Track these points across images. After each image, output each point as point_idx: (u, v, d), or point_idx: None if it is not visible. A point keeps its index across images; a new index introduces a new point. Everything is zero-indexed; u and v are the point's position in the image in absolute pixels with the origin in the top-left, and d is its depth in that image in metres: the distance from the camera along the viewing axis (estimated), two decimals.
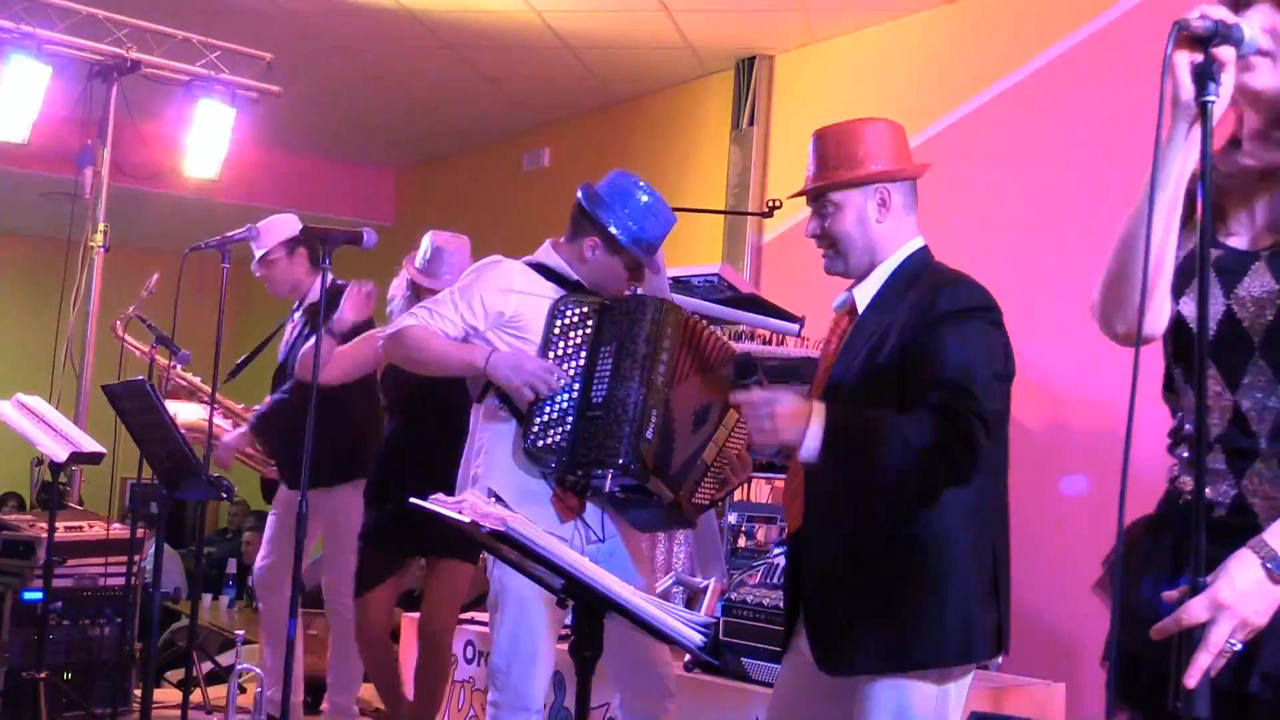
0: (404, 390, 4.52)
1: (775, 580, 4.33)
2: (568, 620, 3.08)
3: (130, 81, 7.09)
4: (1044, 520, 5.23)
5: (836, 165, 2.90)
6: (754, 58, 7.54)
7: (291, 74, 7.72)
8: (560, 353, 3.51)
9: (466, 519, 1.86)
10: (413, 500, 2.20)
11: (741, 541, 6.26)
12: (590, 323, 3.54)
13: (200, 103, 7.25)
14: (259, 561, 5.28)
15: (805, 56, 7.42)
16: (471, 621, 5.01)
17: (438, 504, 2.02)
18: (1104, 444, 5.14)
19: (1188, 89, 1.76)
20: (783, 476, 6.08)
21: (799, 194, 2.99)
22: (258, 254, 5.17)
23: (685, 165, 8.11)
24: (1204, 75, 1.72)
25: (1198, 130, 1.75)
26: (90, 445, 5.26)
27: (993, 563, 2.72)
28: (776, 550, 4.71)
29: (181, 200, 9.21)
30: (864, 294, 2.88)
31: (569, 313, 3.56)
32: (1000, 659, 4.02)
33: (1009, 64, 6.16)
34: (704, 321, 3.67)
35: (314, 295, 5.08)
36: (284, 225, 5.25)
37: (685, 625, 1.90)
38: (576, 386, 3.47)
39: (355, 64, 8.22)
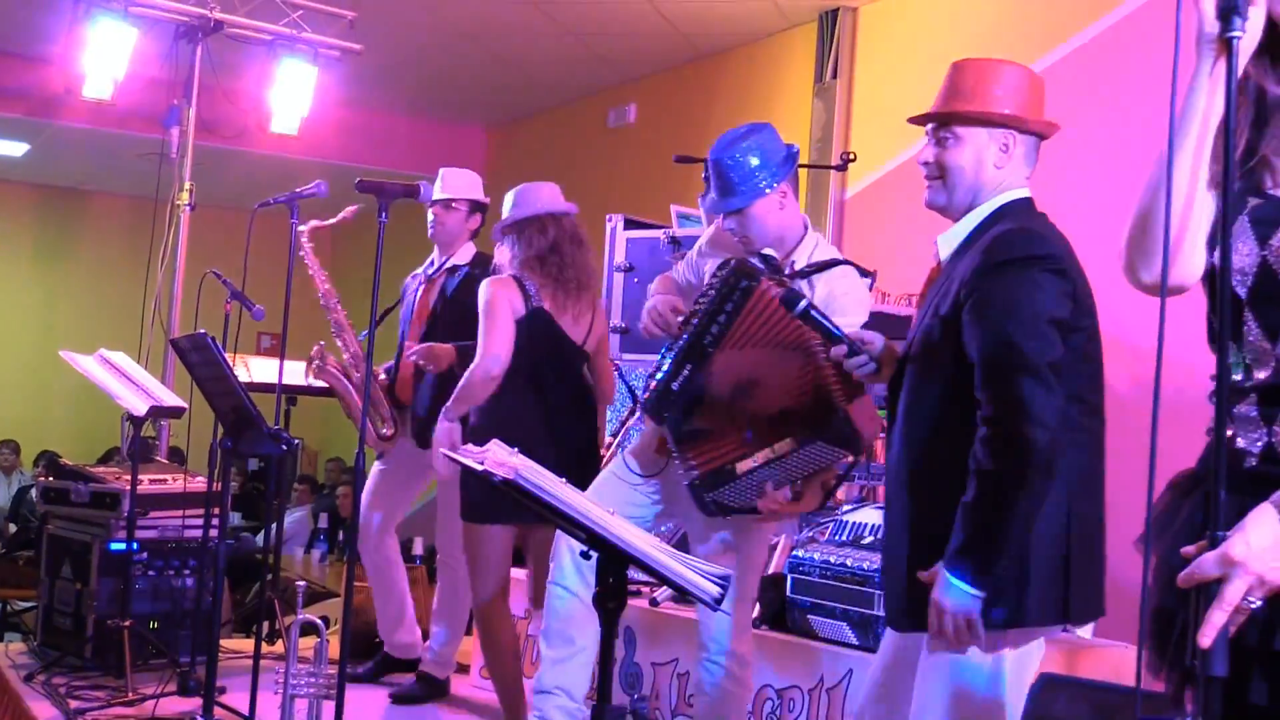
0: (534, 358, 4.41)
1: (844, 538, 4.30)
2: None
3: (215, 41, 7.19)
4: (1127, 479, 5.12)
5: (970, 97, 2.80)
6: (837, 10, 7.43)
7: (373, 32, 7.76)
8: (693, 306, 3.53)
9: (479, 468, 1.85)
10: (444, 452, 2.20)
11: None
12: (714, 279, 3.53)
13: (283, 61, 7.34)
14: (363, 513, 5.27)
15: (889, 8, 7.29)
16: None
17: (464, 454, 2.02)
18: (1184, 401, 5.00)
19: (1212, 23, 1.66)
20: None
21: (921, 118, 2.88)
22: (441, 195, 5.13)
23: (769, 119, 7.88)
24: (1229, 8, 1.60)
25: (1222, 67, 1.63)
26: (171, 399, 5.35)
27: (1064, 528, 2.62)
28: (847, 508, 4.66)
29: (265, 159, 9.32)
30: (947, 242, 2.82)
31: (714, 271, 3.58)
32: (1080, 628, 3.96)
33: (1097, 10, 6.00)
34: (772, 288, 3.44)
35: (461, 259, 5.19)
36: (473, 182, 5.26)
37: (701, 577, 1.87)
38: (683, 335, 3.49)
39: (437, 21, 8.23)
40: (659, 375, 3.46)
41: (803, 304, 2.93)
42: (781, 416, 3.29)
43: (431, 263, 5.32)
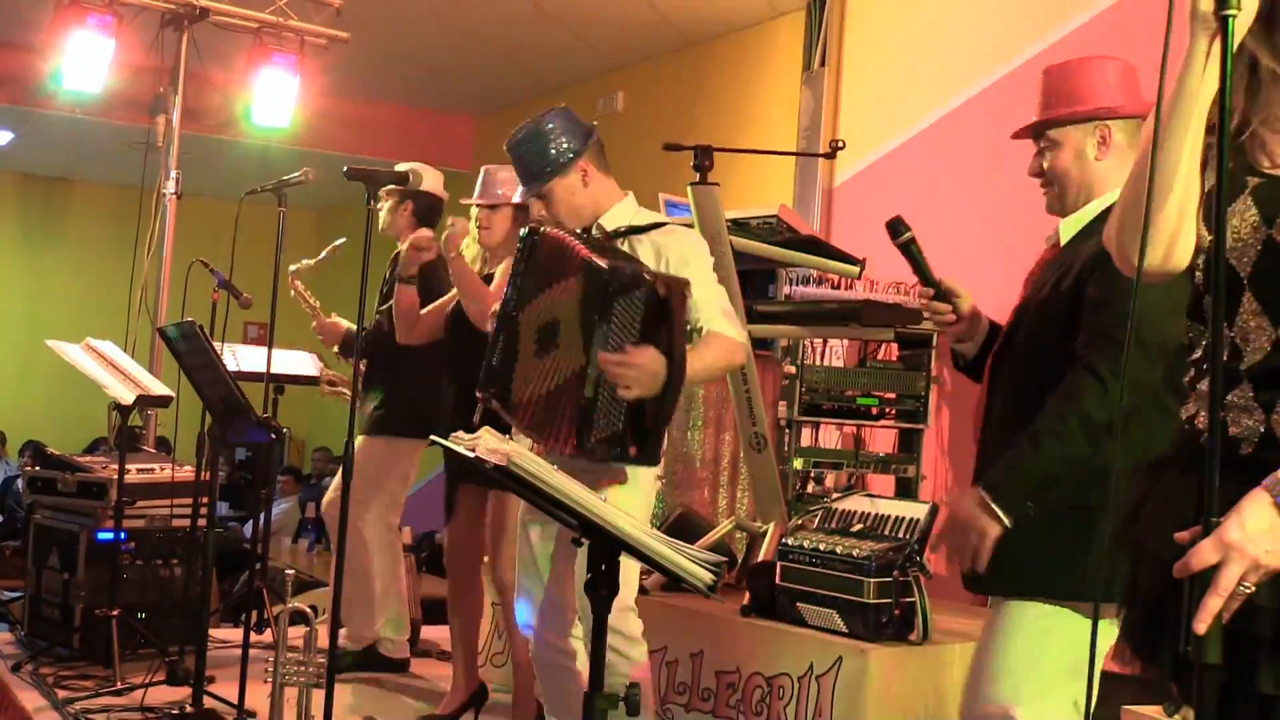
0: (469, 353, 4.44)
1: (834, 525, 4.30)
2: None
3: (200, 30, 7.15)
4: None
5: (1056, 101, 2.87)
6: None
7: (360, 20, 7.73)
8: None
9: (472, 454, 1.85)
10: (433, 438, 2.20)
11: (810, 488, 6.24)
12: None
13: (269, 50, 7.30)
14: (327, 496, 5.45)
15: None
16: None
17: (454, 440, 2.02)
18: None
19: (1208, 0, 1.64)
20: (851, 422, 6.05)
21: (1021, 133, 2.95)
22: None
23: (756, 108, 8.02)
24: None
25: (1218, 46, 1.62)
26: (158, 388, 5.34)
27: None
28: (837, 495, 4.67)
29: (252, 148, 9.30)
30: (1070, 226, 2.89)
31: None
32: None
33: (1088, 1, 5.99)
34: (550, 230, 3.47)
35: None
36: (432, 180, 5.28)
37: (695, 564, 1.87)
38: None
39: (424, 9, 8.22)
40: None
41: (906, 235, 3.03)
42: (581, 326, 3.26)
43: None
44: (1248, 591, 1.60)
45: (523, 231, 3.48)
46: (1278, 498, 1.64)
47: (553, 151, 3.55)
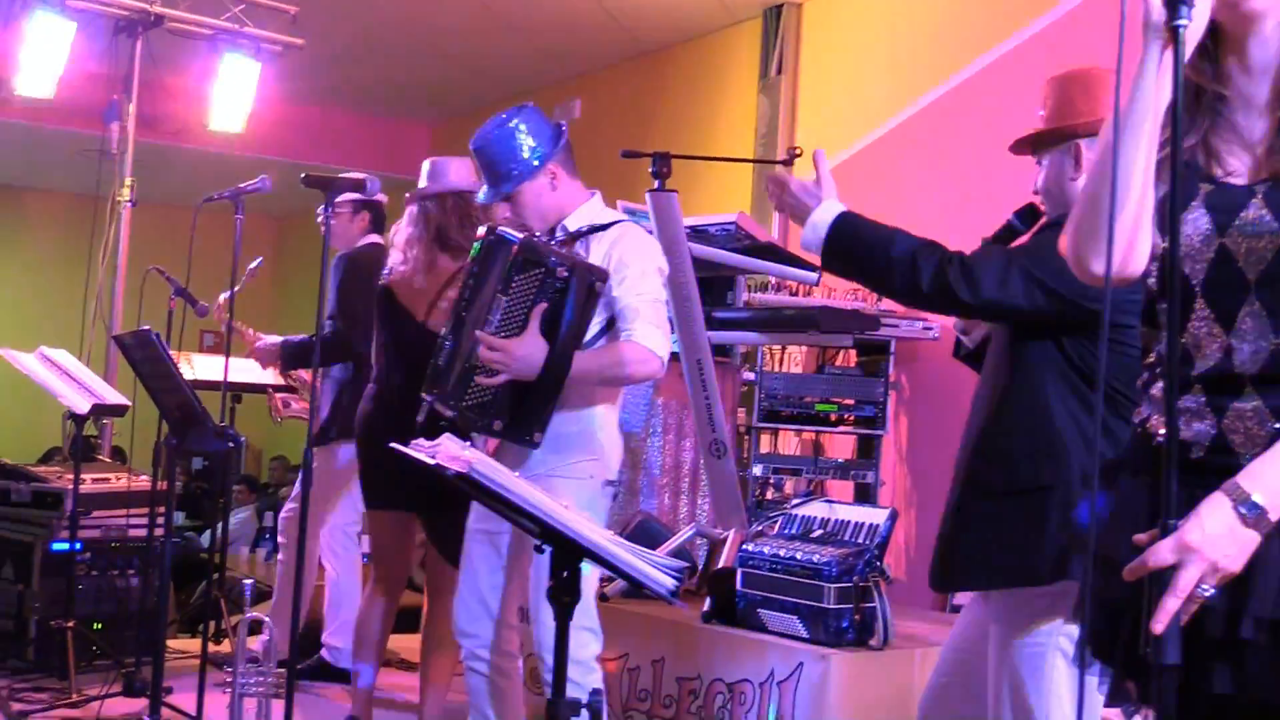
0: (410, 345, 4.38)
1: (794, 531, 4.31)
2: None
3: (155, 36, 7.12)
4: None
5: (1043, 121, 2.90)
6: (782, 5, 7.44)
7: (316, 27, 7.70)
8: None
9: (433, 461, 1.84)
10: (393, 445, 2.19)
11: (769, 494, 6.26)
12: None
13: (225, 57, 7.29)
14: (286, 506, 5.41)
15: (833, 4, 7.31)
16: None
17: (415, 449, 2.01)
18: None
19: (1158, 9, 1.66)
20: (810, 429, 6.08)
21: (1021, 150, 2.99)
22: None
23: (714, 115, 8.04)
24: None
25: (1170, 55, 1.64)
26: (114, 397, 5.30)
27: None
28: (796, 501, 4.69)
29: (208, 155, 9.23)
30: None
31: None
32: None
33: (1042, 5, 6.04)
34: (503, 228, 3.47)
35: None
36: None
37: (656, 570, 1.87)
38: None
39: (380, 16, 8.18)
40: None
41: None
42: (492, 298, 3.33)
43: None
44: (1205, 595, 1.62)
45: (481, 231, 3.45)
46: (1236, 502, 1.66)
47: (522, 154, 3.50)
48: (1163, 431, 1.70)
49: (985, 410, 2.85)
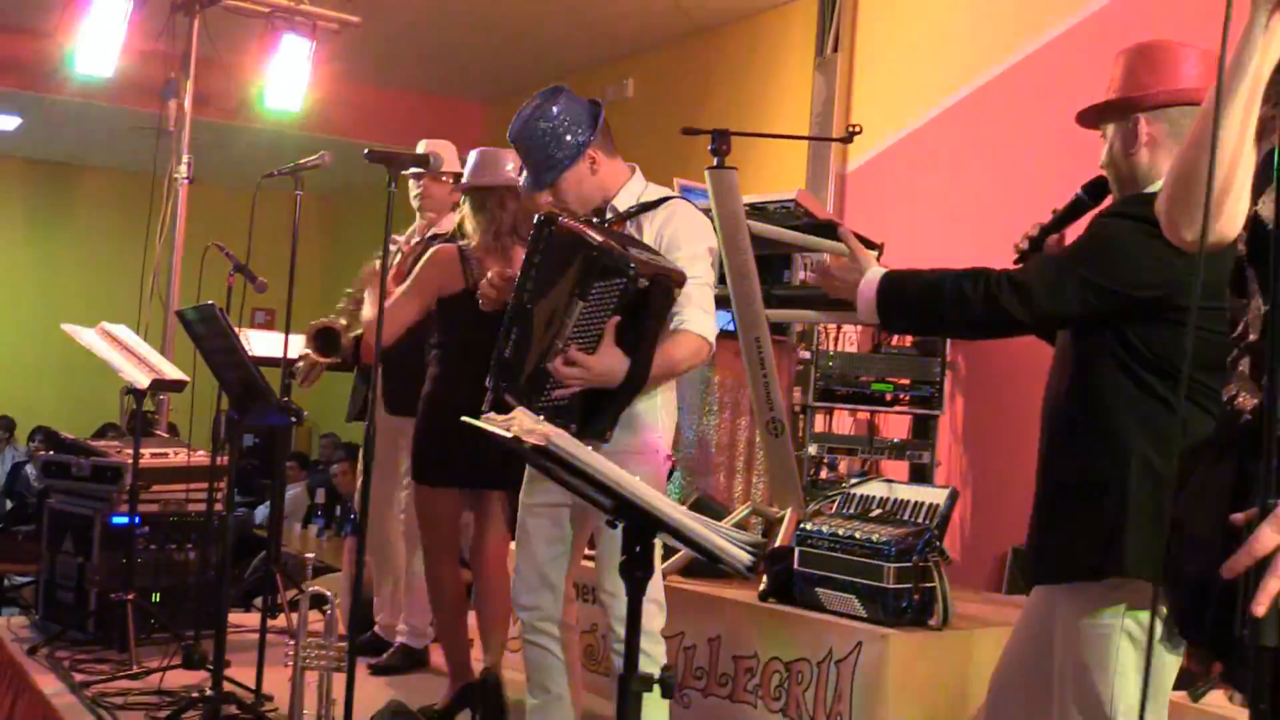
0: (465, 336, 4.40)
1: (852, 510, 4.29)
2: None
3: (212, 14, 7.16)
4: None
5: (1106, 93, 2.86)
6: None
7: (372, 6, 7.72)
8: None
9: (509, 435, 1.84)
10: (465, 419, 2.19)
11: (824, 473, 6.23)
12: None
13: (281, 35, 7.29)
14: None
15: None
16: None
17: (488, 422, 2.01)
18: None
19: None
20: (865, 408, 6.05)
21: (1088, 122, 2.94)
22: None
23: (768, 94, 8.00)
24: None
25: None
26: (173, 373, 5.33)
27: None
28: (854, 480, 4.66)
29: (264, 133, 9.28)
30: None
31: None
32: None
33: None
34: (565, 220, 3.36)
35: (444, 227, 5.19)
36: (453, 154, 5.22)
37: (733, 545, 1.86)
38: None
39: None
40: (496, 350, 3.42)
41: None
42: (568, 300, 3.26)
43: (415, 231, 5.36)
44: None
45: (536, 219, 3.41)
46: None
47: (563, 142, 3.48)
48: (1252, 405, 1.67)
49: (1050, 406, 2.84)
